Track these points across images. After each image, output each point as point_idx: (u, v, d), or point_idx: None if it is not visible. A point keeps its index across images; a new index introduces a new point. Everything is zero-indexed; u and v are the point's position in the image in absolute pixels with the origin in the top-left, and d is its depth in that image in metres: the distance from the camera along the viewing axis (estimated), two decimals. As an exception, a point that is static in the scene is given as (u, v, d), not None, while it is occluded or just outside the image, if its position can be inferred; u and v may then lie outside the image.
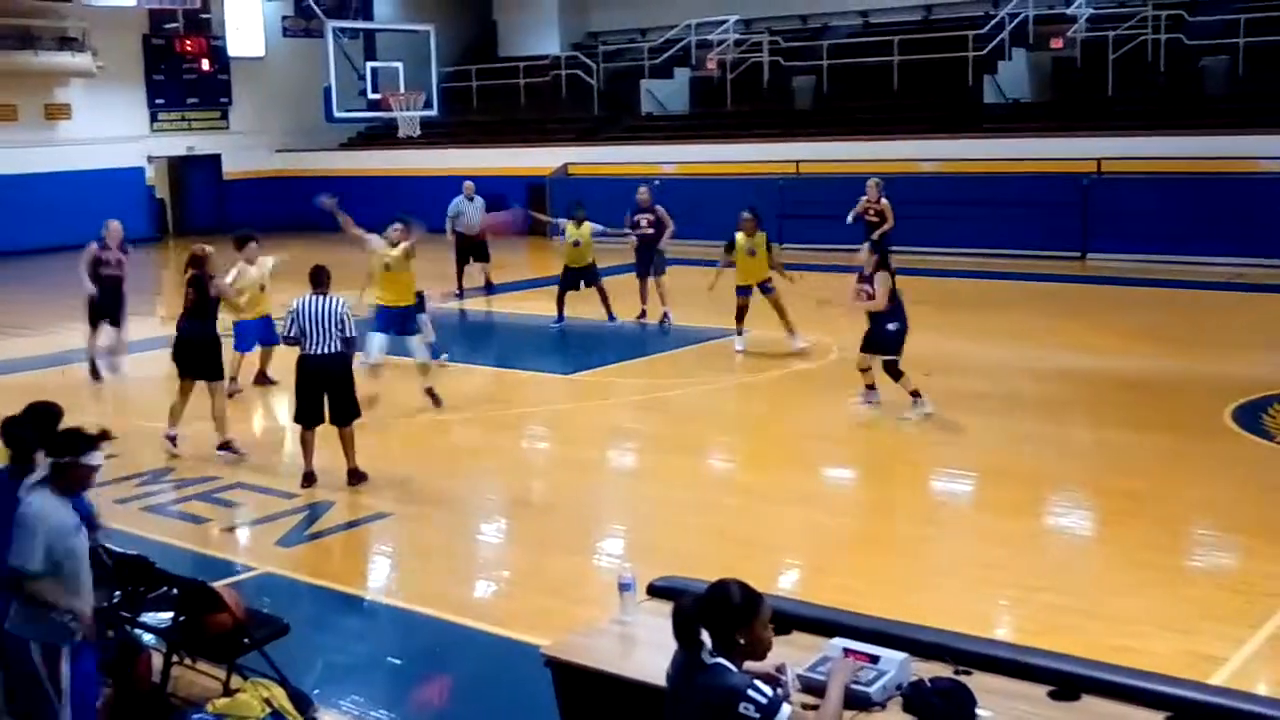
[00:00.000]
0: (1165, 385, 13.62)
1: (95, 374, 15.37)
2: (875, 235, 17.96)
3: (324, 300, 10.45)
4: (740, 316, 15.42)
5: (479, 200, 21.40)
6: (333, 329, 10.35)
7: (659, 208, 17.96)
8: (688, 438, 12.32)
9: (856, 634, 5.08)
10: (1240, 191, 21.65)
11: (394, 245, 13.39)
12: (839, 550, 9.11)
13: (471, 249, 21.30)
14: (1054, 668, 4.98)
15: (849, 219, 19.13)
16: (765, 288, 15.32)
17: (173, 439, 11.73)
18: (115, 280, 15.31)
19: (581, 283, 17.77)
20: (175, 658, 6.61)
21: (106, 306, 15.25)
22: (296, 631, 6.85)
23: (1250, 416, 11.86)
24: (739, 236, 15.34)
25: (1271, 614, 7.49)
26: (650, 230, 17.77)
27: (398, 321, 13.54)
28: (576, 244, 17.59)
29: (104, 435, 5.71)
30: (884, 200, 18.99)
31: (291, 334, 10.51)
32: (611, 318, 17.80)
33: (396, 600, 8.55)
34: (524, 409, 13.61)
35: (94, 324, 15.36)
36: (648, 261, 17.86)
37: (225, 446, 11.65)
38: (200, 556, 9.21)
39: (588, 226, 17.56)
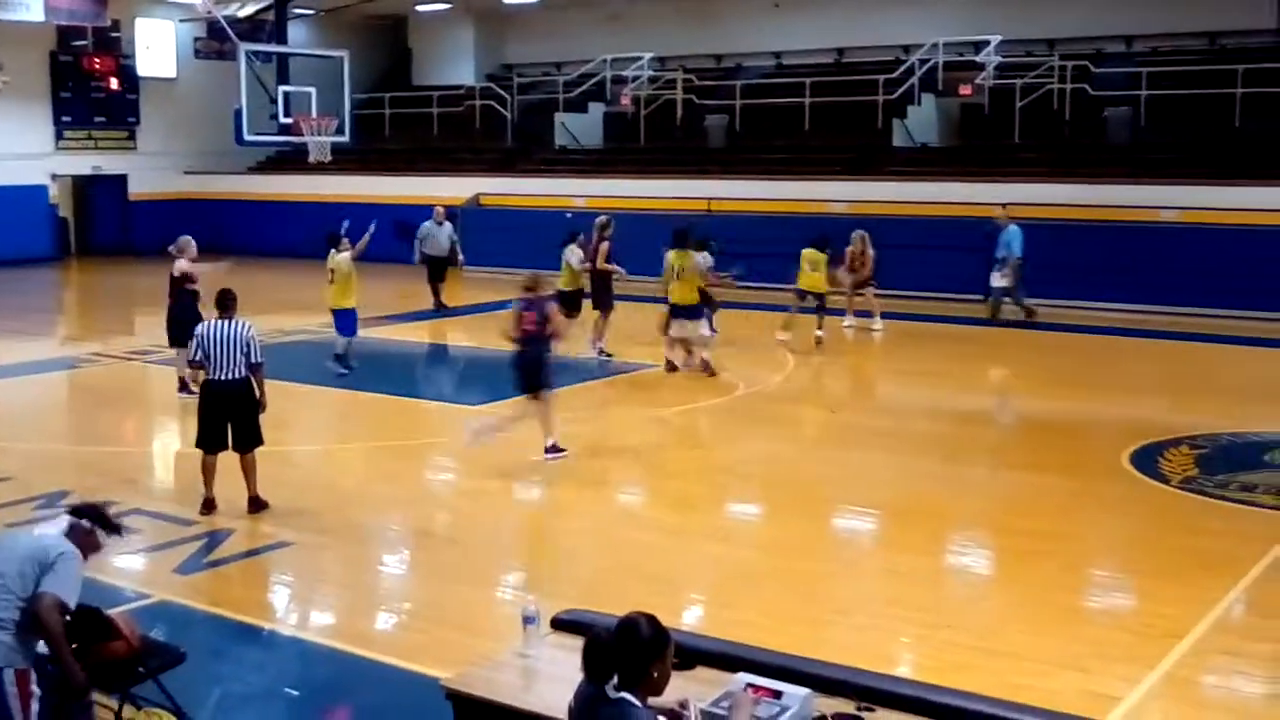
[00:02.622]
0: (1066, 428, 13.85)
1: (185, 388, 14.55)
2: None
3: (229, 325, 10.31)
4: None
5: (447, 225, 22.57)
6: (237, 354, 10.22)
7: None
8: (594, 471, 12.29)
9: (760, 669, 5.08)
10: (1140, 239, 22.13)
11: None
12: (743, 585, 9.11)
13: (437, 270, 22.45)
14: (955, 705, 5.03)
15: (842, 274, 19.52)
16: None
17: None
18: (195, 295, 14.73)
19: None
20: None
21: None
22: (193, 661, 6.70)
23: (1147, 460, 12.08)
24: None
25: (1166, 654, 7.62)
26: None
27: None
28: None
29: (118, 528, 6.27)
30: (870, 251, 19.37)
31: (196, 358, 10.37)
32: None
33: (296, 630, 8.42)
34: (430, 439, 13.50)
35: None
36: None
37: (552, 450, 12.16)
38: (95, 583, 8.98)
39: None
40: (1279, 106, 23.51)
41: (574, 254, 17.32)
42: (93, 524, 6.03)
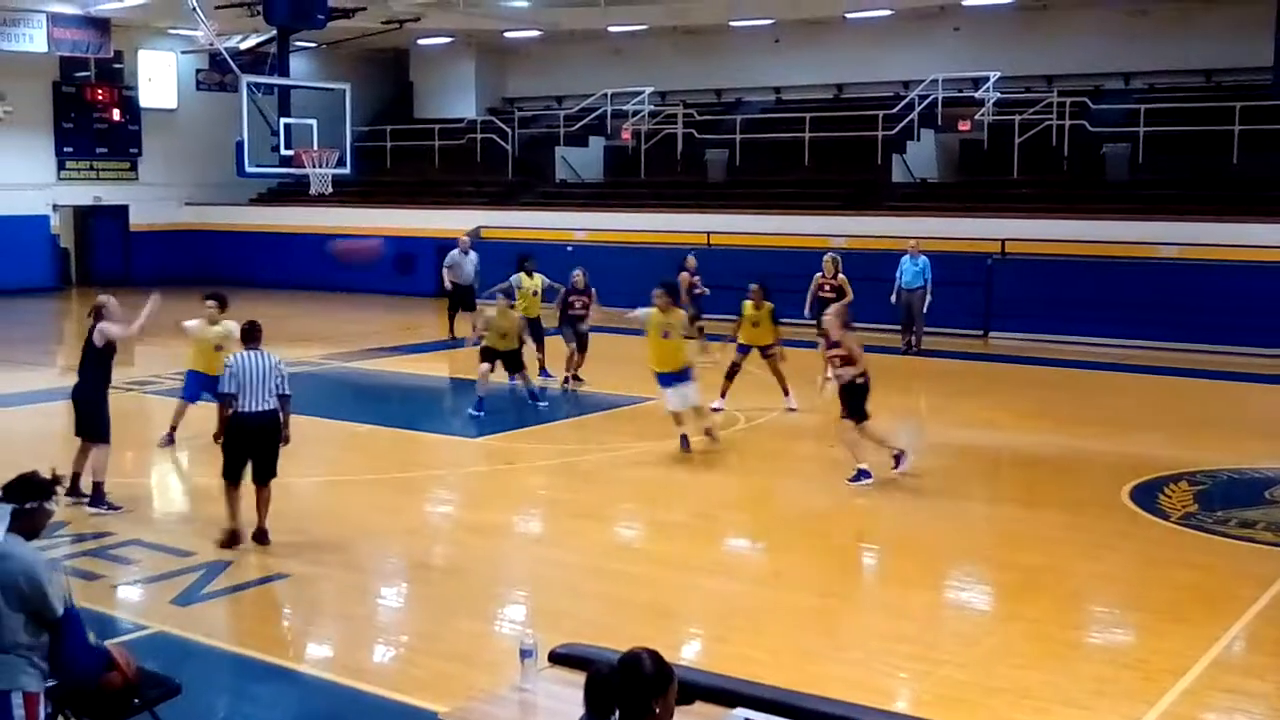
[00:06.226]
0: (1064, 463, 13.84)
1: None
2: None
3: (260, 357, 10.32)
4: (731, 375, 15.96)
5: (473, 254, 22.86)
6: (271, 384, 10.21)
7: (593, 290, 17.82)
8: (593, 504, 12.28)
9: (758, 704, 5.07)
10: (1139, 275, 22.20)
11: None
12: (741, 620, 9.09)
13: (462, 299, 22.58)
14: (954, 741, 5.01)
15: (807, 307, 18.59)
16: (766, 352, 16.06)
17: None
18: None
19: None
20: (61, 717, 6.42)
21: None
22: (189, 693, 6.67)
23: (1147, 496, 12.08)
24: (747, 305, 15.94)
25: (1166, 691, 7.59)
26: (583, 311, 17.66)
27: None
28: (535, 294, 18.09)
29: (57, 481, 5.67)
30: (841, 276, 18.90)
31: (230, 389, 10.24)
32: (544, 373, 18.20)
33: (293, 663, 8.38)
34: (431, 471, 13.49)
35: None
36: (579, 336, 17.93)
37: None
38: (92, 614, 8.96)
39: (539, 278, 18.19)
40: (1276, 143, 23.64)
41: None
42: (37, 501, 5.57)
